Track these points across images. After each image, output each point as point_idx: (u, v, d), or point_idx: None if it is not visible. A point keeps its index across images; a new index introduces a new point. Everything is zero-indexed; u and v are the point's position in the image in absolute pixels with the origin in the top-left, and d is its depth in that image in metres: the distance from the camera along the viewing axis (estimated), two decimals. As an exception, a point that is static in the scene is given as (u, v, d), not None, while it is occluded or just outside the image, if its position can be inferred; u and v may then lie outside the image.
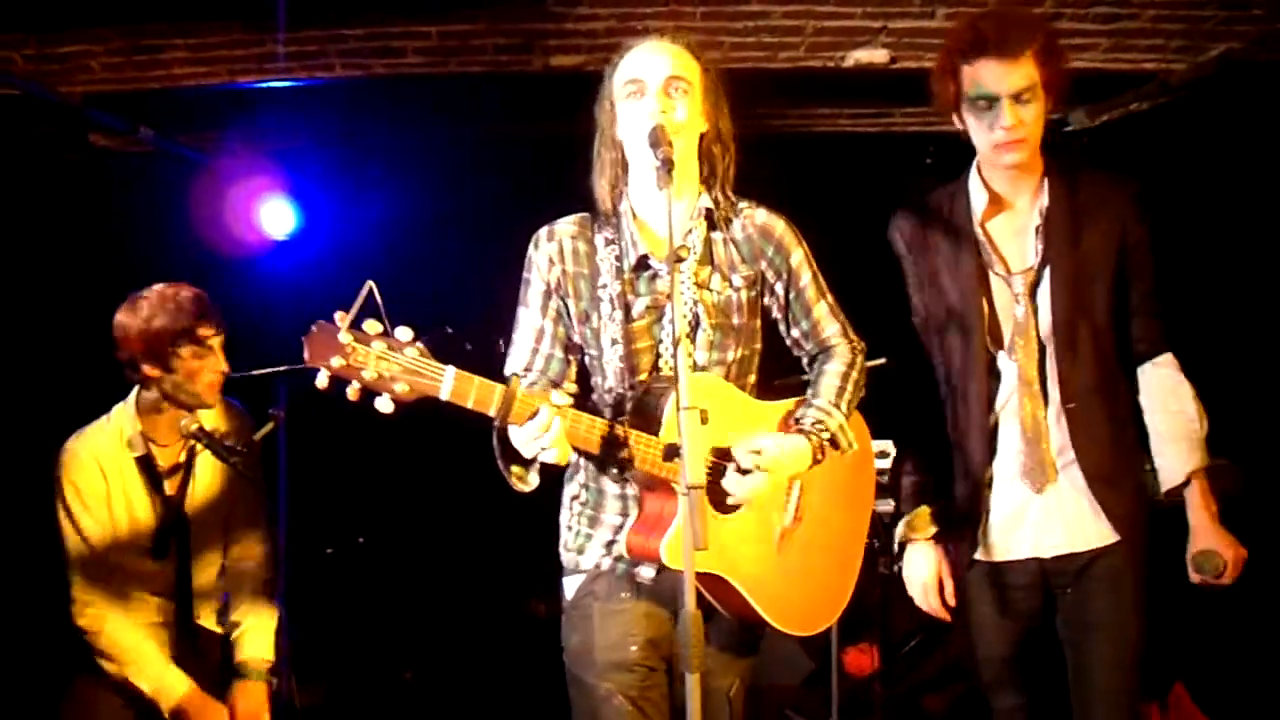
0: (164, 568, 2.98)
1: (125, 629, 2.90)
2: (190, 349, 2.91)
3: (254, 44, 3.82)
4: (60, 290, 4.14)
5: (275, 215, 4.60)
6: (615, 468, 2.27)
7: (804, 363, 2.52)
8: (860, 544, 2.54)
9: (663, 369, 2.30)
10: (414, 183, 4.62)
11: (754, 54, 3.99)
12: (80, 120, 4.13)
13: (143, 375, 2.92)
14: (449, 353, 2.02)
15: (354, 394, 1.93)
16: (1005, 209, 2.49)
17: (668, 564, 2.14)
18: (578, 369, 2.38)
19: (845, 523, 2.50)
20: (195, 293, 2.96)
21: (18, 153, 4.22)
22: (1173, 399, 2.45)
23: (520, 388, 2.06)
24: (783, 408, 2.42)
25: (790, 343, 2.49)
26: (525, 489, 2.21)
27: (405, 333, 1.97)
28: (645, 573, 2.24)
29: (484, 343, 2.37)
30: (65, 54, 3.81)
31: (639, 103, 2.25)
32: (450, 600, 4.62)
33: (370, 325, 1.93)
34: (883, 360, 2.64)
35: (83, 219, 4.32)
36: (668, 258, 2.17)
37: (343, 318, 1.90)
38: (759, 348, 2.42)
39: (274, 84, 4.05)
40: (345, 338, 1.90)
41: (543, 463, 2.15)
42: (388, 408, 1.95)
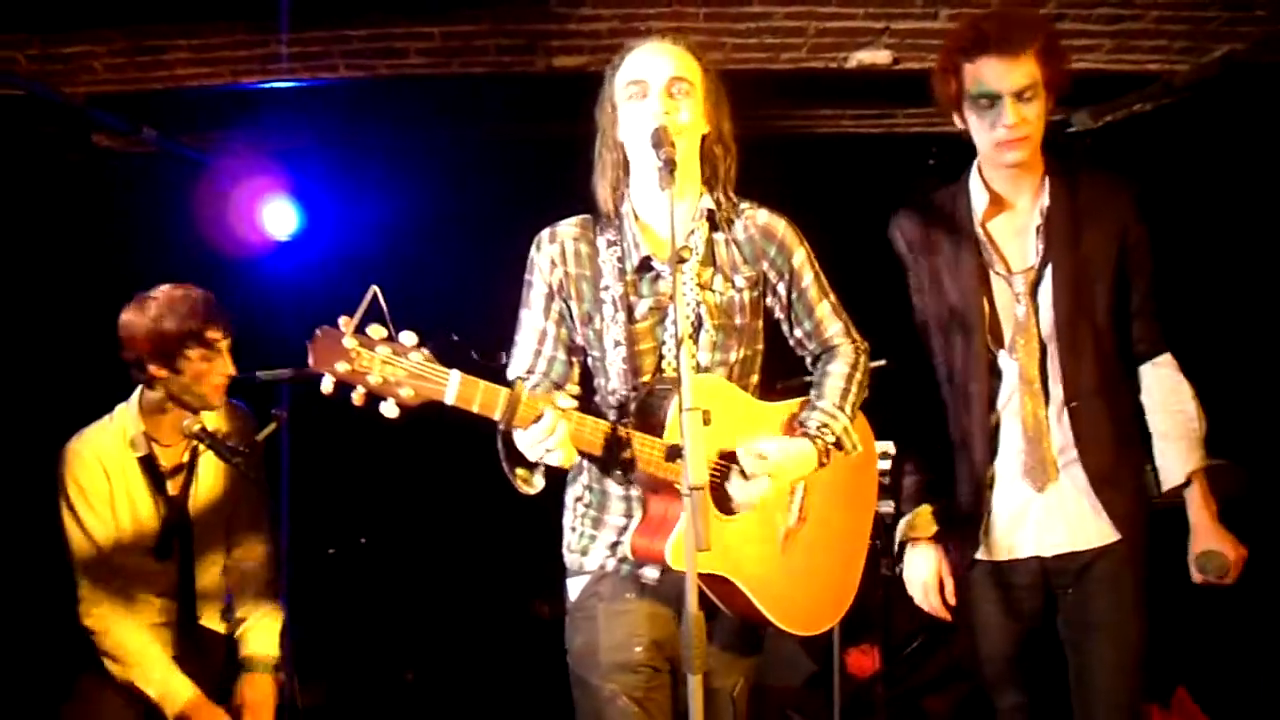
0: (167, 568, 2.98)
1: (131, 631, 2.90)
2: (199, 351, 2.91)
3: (257, 45, 3.82)
4: (63, 291, 4.13)
5: (278, 216, 4.61)
6: (619, 469, 2.26)
7: (807, 363, 2.52)
8: (864, 543, 2.54)
9: (665, 370, 2.30)
10: (416, 183, 4.61)
11: (756, 55, 3.99)
12: (83, 121, 4.13)
13: (148, 375, 2.92)
14: (453, 360, 2.01)
15: (359, 399, 1.92)
16: (1006, 209, 2.50)
17: (672, 565, 2.14)
18: (580, 371, 2.38)
19: (848, 522, 2.50)
20: (205, 294, 2.95)
21: (21, 153, 4.22)
22: (1173, 399, 2.46)
23: (525, 391, 2.05)
24: (786, 408, 2.42)
25: (793, 343, 2.49)
26: (530, 491, 2.21)
27: (410, 337, 1.96)
28: (650, 574, 2.24)
29: (489, 352, 2.35)
30: (69, 54, 3.80)
31: (641, 104, 2.25)
32: (453, 601, 4.61)
33: (374, 330, 1.92)
34: (883, 362, 2.64)
35: (85, 219, 4.32)
36: (670, 259, 2.17)
37: (347, 322, 1.89)
38: (761, 348, 2.41)
39: (277, 85, 4.05)
40: (350, 342, 1.89)
41: (547, 465, 2.15)
42: (393, 413, 1.94)
